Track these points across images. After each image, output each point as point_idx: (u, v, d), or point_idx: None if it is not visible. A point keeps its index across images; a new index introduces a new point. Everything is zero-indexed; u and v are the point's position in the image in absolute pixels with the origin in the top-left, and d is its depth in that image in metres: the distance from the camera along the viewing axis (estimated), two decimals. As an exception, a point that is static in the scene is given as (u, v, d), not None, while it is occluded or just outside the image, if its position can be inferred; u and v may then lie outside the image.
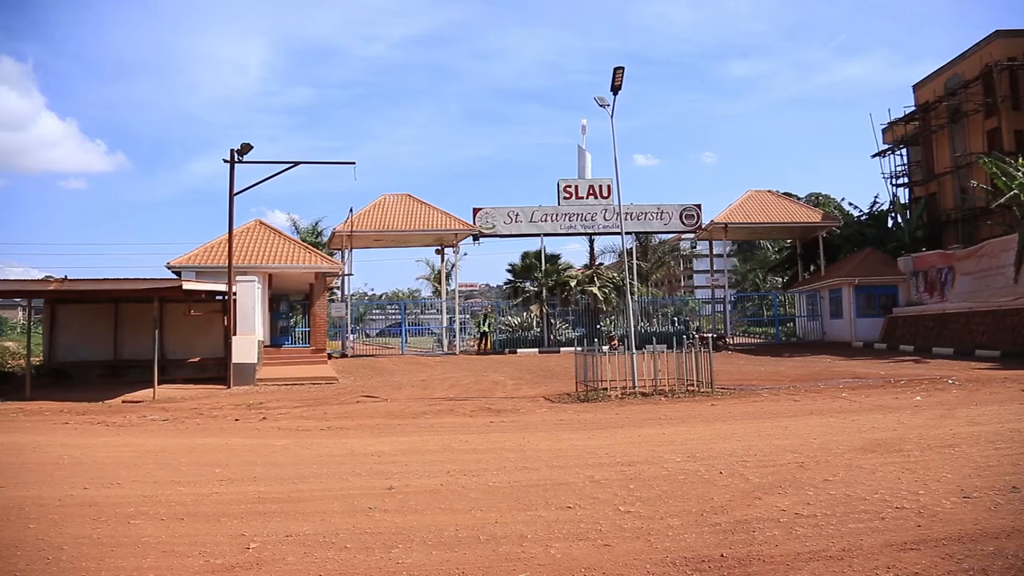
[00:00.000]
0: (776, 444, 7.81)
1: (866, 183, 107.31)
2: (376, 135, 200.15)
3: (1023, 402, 10.94)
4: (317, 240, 37.91)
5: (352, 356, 28.01)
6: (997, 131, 28.24)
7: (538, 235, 31.07)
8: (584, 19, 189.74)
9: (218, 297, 20.13)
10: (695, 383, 13.69)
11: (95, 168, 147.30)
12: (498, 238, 31.05)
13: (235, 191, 18.46)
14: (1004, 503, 5.14)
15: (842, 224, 32.73)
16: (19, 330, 44.67)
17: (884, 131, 34.69)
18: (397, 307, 44.76)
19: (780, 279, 41.46)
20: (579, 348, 16.63)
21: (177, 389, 16.64)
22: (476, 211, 30.52)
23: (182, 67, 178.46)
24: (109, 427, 10.82)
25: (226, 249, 19.35)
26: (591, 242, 35.86)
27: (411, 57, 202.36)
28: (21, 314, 52.33)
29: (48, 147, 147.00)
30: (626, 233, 28.84)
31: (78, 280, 15.71)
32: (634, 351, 14.17)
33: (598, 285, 30.17)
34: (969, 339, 22.25)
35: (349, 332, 30.76)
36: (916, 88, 33.51)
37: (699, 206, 31.66)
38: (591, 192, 30.93)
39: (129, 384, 17.27)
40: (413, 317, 39.01)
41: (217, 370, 19.18)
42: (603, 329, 30.10)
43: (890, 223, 32.85)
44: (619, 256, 45.10)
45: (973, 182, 27.36)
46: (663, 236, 50.15)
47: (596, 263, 35.97)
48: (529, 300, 31.73)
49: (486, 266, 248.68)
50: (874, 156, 34.62)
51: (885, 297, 28.43)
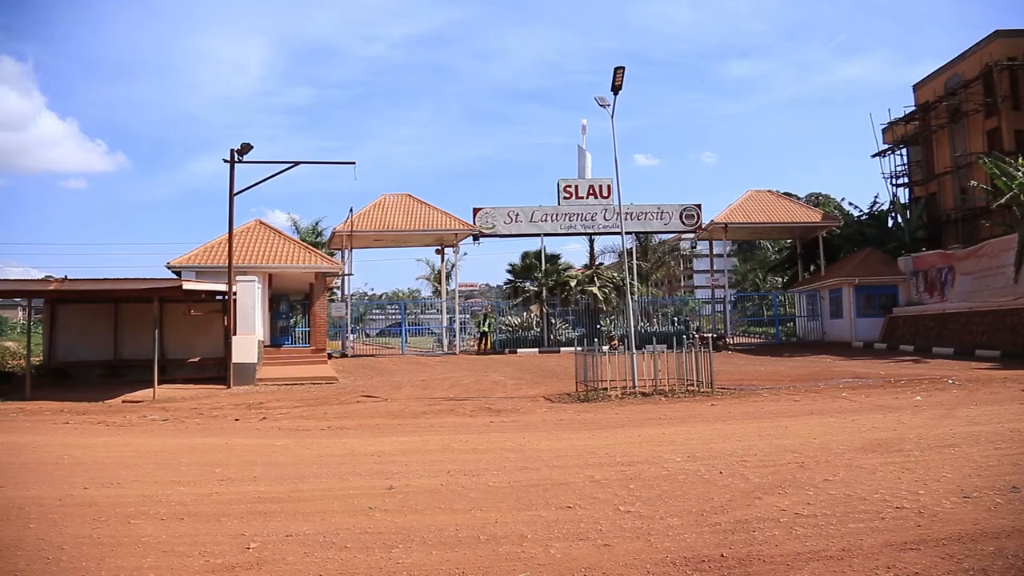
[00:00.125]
0: (776, 444, 7.81)
1: (866, 183, 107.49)
2: (376, 135, 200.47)
3: (1023, 402, 10.94)
4: (317, 240, 37.91)
5: (352, 356, 28.02)
6: (997, 131, 28.24)
7: (538, 235, 31.09)
8: (584, 19, 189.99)
9: (218, 297, 20.13)
10: (695, 383, 13.69)
11: (95, 168, 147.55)
12: (498, 238, 31.07)
13: (235, 191, 18.48)
14: (1004, 503, 5.14)
15: (842, 224, 32.74)
16: (19, 330, 44.71)
17: (884, 131, 34.70)
18: (397, 307, 44.78)
19: (780, 279, 41.47)
20: (579, 348, 16.63)
21: (177, 389, 16.65)
22: (476, 211, 30.53)
23: (182, 67, 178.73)
24: (109, 427, 10.83)
25: (226, 249, 19.36)
26: (591, 242, 35.90)
27: (411, 57, 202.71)
28: (21, 314, 52.35)
29: (48, 147, 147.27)
30: (626, 233, 28.83)
31: (78, 280, 15.69)
32: (634, 351, 14.18)
33: (598, 285, 30.17)
34: (969, 339, 22.25)
35: (349, 332, 30.78)
36: (916, 88, 33.51)
37: (699, 206, 31.69)
38: (591, 192, 30.94)
39: (129, 384, 17.28)
40: (413, 317, 39.03)
41: (217, 370, 19.18)
42: (603, 329, 30.11)
43: (890, 223, 32.84)
44: (619, 256, 45.11)
45: (973, 182, 27.36)
46: (663, 236, 50.23)
47: (596, 263, 35.97)
48: (529, 300, 31.74)
49: (486, 266, 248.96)
50: (874, 156, 34.68)
51: (885, 297, 28.44)
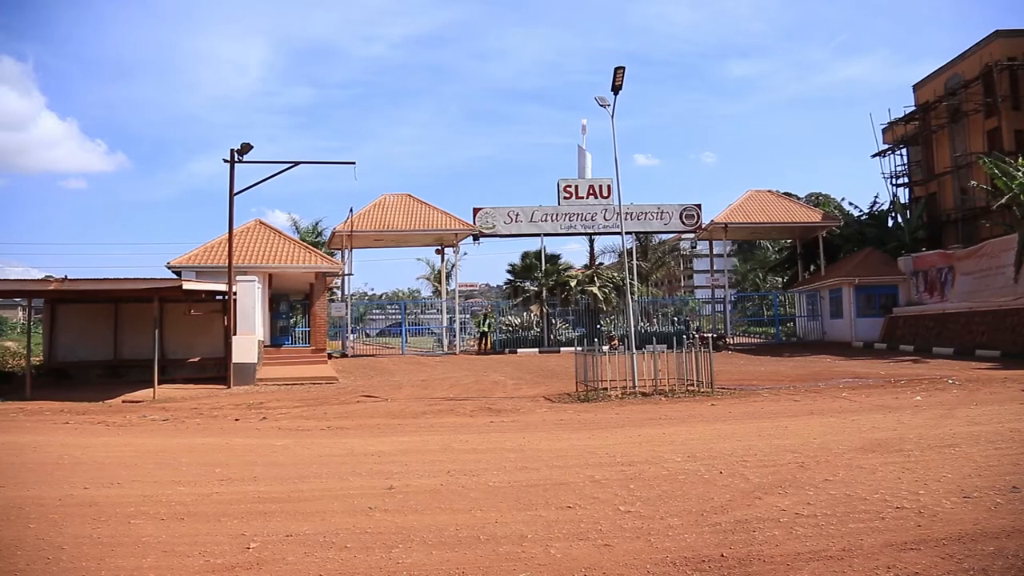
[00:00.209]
0: (776, 444, 7.81)
1: (866, 183, 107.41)
2: (376, 135, 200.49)
3: (1023, 402, 10.94)
4: (317, 240, 37.91)
5: (352, 356, 28.02)
6: (997, 131, 28.24)
7: (538, 235, 31.08)
8: (584, 19, 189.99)
9: (218, 297, 20.13)
10: (695, 383, 13.69)
11: (95, 168, 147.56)
12: (498, 238, 31.07)
13: (235, 191, 18.48)
14: (1004, 503, 5.14)
15: (842, 224, 32.72)
16: (19, 330, 44.71)
17: (884, 131, 34.70)
18: (397, 307, 44.79)
19: (780, 279, 41.46)
20: (579, 348, 16.64)
21: (177, 389, 16.65)
22: (476, 211, 30.53)
23: (182, 67, 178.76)
24: (109, 427, 10.83)
25: (226, 249, 19.35)
26: (591, 242, 35.91)
27: (411, 57, 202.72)
28: (21, 314, 52.35)
29: (48, 147, 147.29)
30: (626, 233, 28.84)
31: (78, 280, 15.68)
32: (634, 351, 14.17)
33: (598, 285, 30.17)
34: (969, 339, 22.25)
35: (349, 332, 30.78)
36: (916, 88, 33.51)
37: (699, 206, 31.68)
38: (591, 192, 30.93)
39: (129, 384, 17.27)
40: (413, 317, 39.02)
41: (217, 370, 19.18)
42: (603, 329, 30.11)
43: (890, 223, 32.83)
44: (619, 256, 45.12)
45: (973, 182, 27.35)
46: (663, 236, 50.27)
47: (596, 263, 35.97)
48: (529, 300, 31.74)
49: (486, 266, 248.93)
50: (874, 156, 34.69)
51: (885, 297, 28.43)
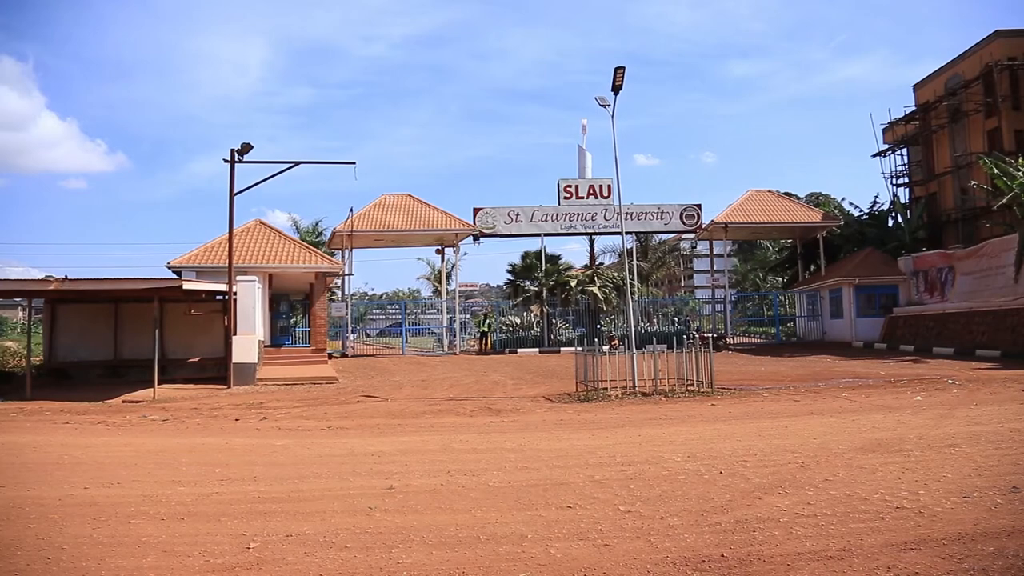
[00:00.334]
0: (776, 444, 7.81)
1: (866, 183, 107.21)
2: (376, 135, 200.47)
3: (1023, 402, 10.94)
4: (317, 240, 37.91)
5: (352, 356, 28.02)
6: (997, 131, 28.25)
7: (538, 235, 31.08)
8: (584, 19, 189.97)
9: (218, 297, 20.13)
10: (695, 383, 13.69)
11: (95, 168, 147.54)
12: (498, 238, 31.07)
13: (235, 191, 18.48)
14: (1004, 503, 5.14)
15: (842, 224, 32.72)
16: (19, 330, 44.72)
17: (884, 131, 34.70)
18: (397, 307, 44.78)
19: (780, 279, 41.45)
20: (579, 348, 16.63)
21: (177, 389, 16.65)
22: (476, 211, 30.53)
23: (182, 67, 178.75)
24: (109, 427, 10.83)
25: (226, 249, 19.35)
26: (591, 242, 35.87)
27: (411, 57, 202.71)
28: (21, 314, 52.37)
29: (48, 147, 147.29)
30: (626, 233, 28.83)
31: (78, 280, 15.68)
32: (634, 351, 14.17)
33: (598, 285, 30.16)
34: (969, 339, 22.25)
35: (349, 332, 30.77)
36: (916, 88, 33.51)
37: (699, 206, 31.68)
38: (591, 192, 30.93)
39: (129, 384, 17.28)
40: (413, 317, 39.01)
41: (217, 370, 19.18)
42: (603, 329, 30.11)
43: (890, 223, 32.83)
44: (619, 256, 45.12)
45: (973, 182, 27.35)
46: (663, 236, 50.26)
47: (596, 263, 35.94)
48: (529, 300, 31.74)
49: (486, 266, 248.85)
50: (874, 156, 34.69)
51: (885, 297, 28.43)
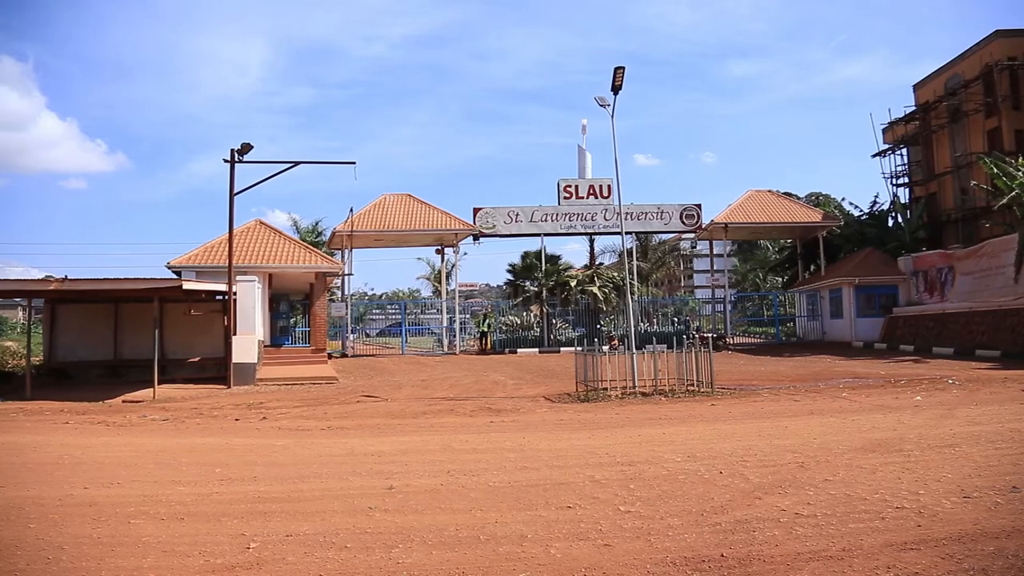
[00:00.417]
0: (776, 444, 7.81)
1: (866, 183, 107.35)
2: (376, 135, 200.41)
3: (1023, 402, 10.94)
4: (317, 240, 37.91)
5: (352, 356, 28.02)
6: (997, 131, 28.24)
7: (538, 235, 31.09)
8: (584, 19, 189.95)
9: (218, 297, 20.13)
10: (695, 383, 13.68)
11: (95, 168, 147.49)
12: (498, 238, 31.07)
13: (235, 191, 18.47)
14: (1004, 503, 5.14)
15: (842, 224, 32.72)
16: (19, 330, 44.70)
17: (884, 131, 34.69)
18: (397, 307, 44.79)
19: (780, 279, 41.45)
20: (579, 348, 16.63)
21: (177, 389, 16.64)
22: (476, 211, 30.54)
23: (182, 67, 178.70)
24: (109, 427, 10.83)
25: (226, 249, 19.35)
26: (591, 242, 35.88)
27: (411, 57, 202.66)
28: (21, 314, 52.35)
29: (48, 147, 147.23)
30: (626, 233, 28.83)
31: (78, 280, 15.67)
32: (634, 351, 14.17)
33: (598, 285, 30.17)
34: (969, 339, 22.25)
35: (349, 332, 30.78)
36: (916, 88, 33.51)
37: (699, 206, 31.69)
38: (591, 192, 30.94)
39: (129, 384, 17.27)
40: (413, 317, 39.03)
41: (217, 370, 19.17)
42: (603, 329, 30.11)
43: (890, 223, 32.82)
44: (619, 256, 45.09)
45: (973, 182, 27.36)
46: (663, 236, 50.26)
47: (596, 263, 35.95)
48: (529, 300, 31.74)
49: (486, 266, 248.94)
50: (874, 156, 34.68)
51: (885, 297, 28.43)
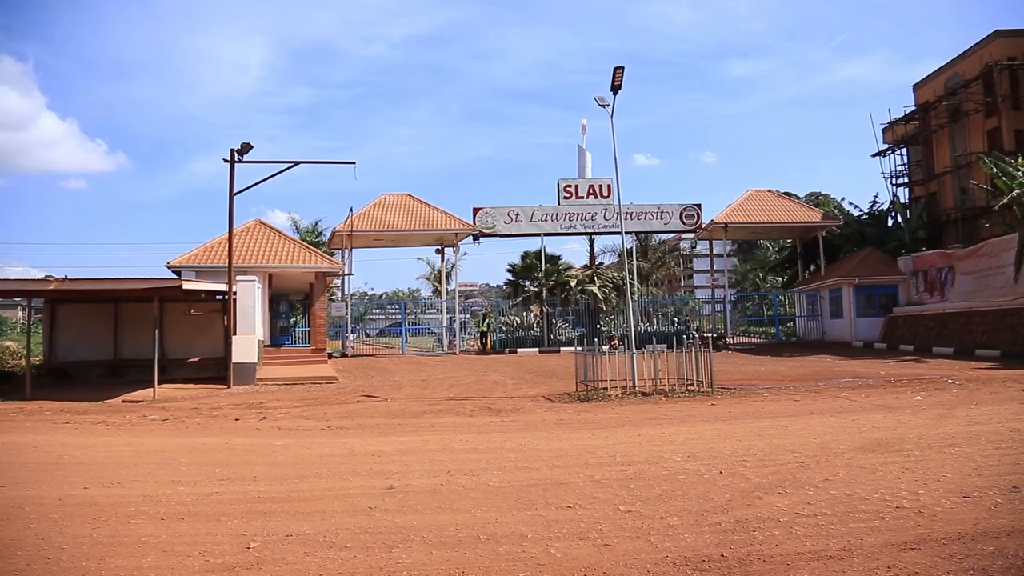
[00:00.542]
0: (776, 444, 7.81)
1: (866, 183, 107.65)
2: (376, 135, 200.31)
3: (1023, 402, 10.94)
4: (317, 240, 37.91)
5: (352, 356, 28.02)
6: (997, 131, 28.24)
7: (538, 235, 31.10)
8: (584, 19, 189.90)
9: (218, 297, 20.13)
10: (695, 383, 13.69)
11: (95, 168, 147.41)
12: (498, 238, 31.09)
13: (235, 191, 18.47)
14: (1004, 503, 5.14)
15: (842, 224, 32.72)
16: (19, 330, 44.66)
17: (884, 131, 34.70)
18: (397, 307, 44.78)
19: (780, 279, 41.44)
20: (579, 348, 16.63)
21: (177, 389, 16.65)
22: (476, 211, 30.54)
23: (182, 67, 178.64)
24: (109, 427, 10.83)
25: (226, 249, 19.35)
26: (591, 242, 35.88)
27: (411, 57, 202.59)
28: (21, 314, 52.34)
29: (48, 147, 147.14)
30: (626, 233, 28.85)
31: (78, 280, 15.66)
32: (634, 351, 14.17)
33: (598, 285, 30.17)
34: (969, 339, 22.25)
35: (349, 332, 30.78)
36: (916, 88, 33.51)
37: (699, 206, 31.69)
38: (591, 192, 30.94)
39: (129, 384, 17.27)
40: (413, 317, 39.02)
41: (217, 370, 19.18)
42: (603, 329, 30.11)
43: (890, 223, 32.84)
44: (619, 256, 45.10)
45: (973, 182, 27.36)
46: (663, 236, 50.27)
47: (596, 263, 35.95)
48: (529, 300, 31.75)
49: (486, 266, 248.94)
50: (874, 156, 34.68)
51: (885, 297, 28.43)
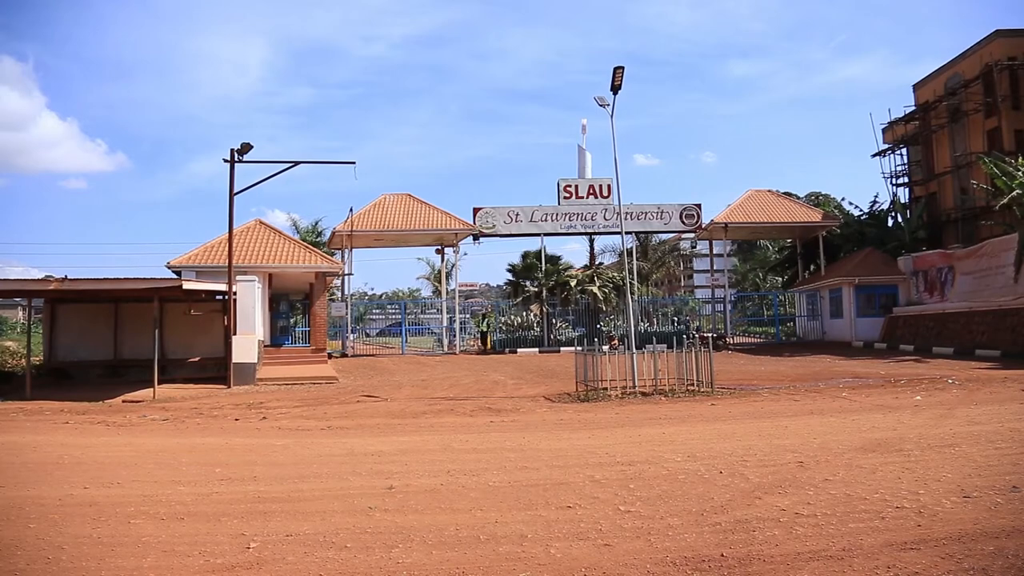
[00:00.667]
0: (776, 444, 7.81)
1: (866, 183, 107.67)
2: (376, 135, 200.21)
3: (1023, 402, 10.94)
4: (317, 240, 37.91)
5: (352, 356, 28.02)
6: (997, 131, 28.25)
7: (538, 235, 31.11)
8: (584, 19, 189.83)
9: (218, 297, 20.13)
10: (695, 383, 13.69)
11: (95, 168, 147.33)
12: (498, 238, 31.08)
13: (235, 191, 18.47)
14: (1004, 503, 5.14)
15: (842, 224, 32.74)
16: (19, 330, 44.62)
17: (884, 131, 34.70)
18: (397, 307, 44.77)
19: (780, 279, 41.45)
20: (579, 348, 16.63)
21: (177, 389, 16.65)
22: (476, 211, 30.54)
23: (182, 67, 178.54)
24: (109, 427, 10.83)
25: (226, 249, 19.35)
26: (591, 242, 35.90)
27: (411, 57, 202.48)
28: (21, 314, 52.32)
29: (48, 147, 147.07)
30: (626, 233, 28.85)
31: (78, 280, 15.66)
32: (634, 351, 14.16)
33: (598, 285, 30.17)
34: (969, 339, 22.25)
35: (349, 332, 30.78)
36: (916, 88, 33.51)
37: (699, 206, 31.69)
38: (591, 192, 30.94)
39: (129, 384, 17.28)
40: (413, 317, 39.03)
41: (217, 370, 19.18)
42: (603, 329, 30.10)
43: (890, 223, 32.84)
44: (619, 256, 45.10)
45: (973, 182, 27.37)
46: (663, 236, 50.23)
47: (596, 263, 35.97)
48: (529, 300, 31.74)
49: (486, 266, 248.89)
50: (874, 156, 34.68)
51: (885, 297, 28.43)
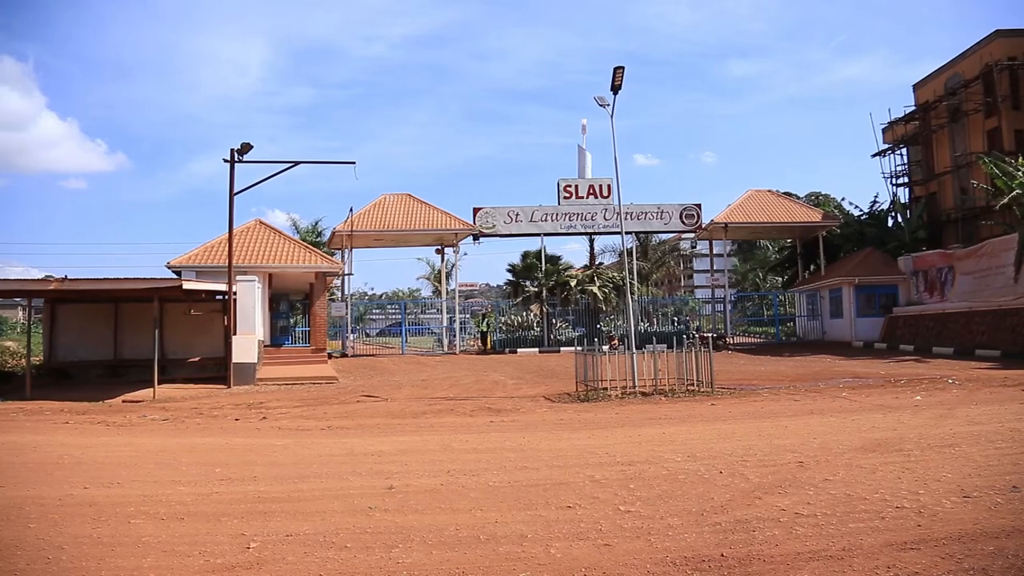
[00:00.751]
0: (776, 444, 7.81)
1: (866, 183, 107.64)
2: (376, 135, 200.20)
3: (1023, 402, 10.94)
4: (317, 240, 37.92)
5: (352, 356, 28.03)
6: (997, 131, 28.25)
7: (538, 235, 31.12)
8: (584, 19, 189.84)
9: (218, 297, 20.14)
10: (695, 383, 13.69)
11: (95, 168, 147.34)
12: (498, 238, 31.09)
13: (235, 191, 18.47)
14: (1004, 503, 5.14)
15: (842, 224, 32.75)
16: (19, 330, 44.63)
17: (884, 131, 34.70)
18: (397, 307, 44.77)
19: (780, 279, 41.46)
20: (579, 348, 16.63)
21: (177, 389, 16.65)
22: (476, 211, 30.55)
23: (182, 67, 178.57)
24: (109, 427, 10.83)
25: (226, 249, 19.35)
26: (591, 242, 35.91)
27: (411, 57, 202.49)
28: (21, 314, 52.32)
29: (48, 147, 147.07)
30: (626, 233, 28.85)
31: (78, 280, 15.66)
32: (634, 351, 14.16)
33: (598, 285, 30.17)
34: (969, 339, 22.25)
35: (349, 332, 30.78)
36: (916, 88, 33.51)
37: (699, 206, 31.70)
38: (591, 192, 30.95)
39: (129, 384, 17.28)
40: (413, 317, 39.04)
41: (217, 370, 19.18)
42: (603, 329, 30.11)
43: (890, 223, 32.85)
44: (619, 256, 45.11)
45: (973, 182, 27.37)
46: (663, 236, 50.26)
47: (596, 263, 35.97)
48: (529, 300, 31.75)
49: (486, 266, 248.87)
50: (874, 156, 34.69)
51: (885, 297, 28.44)
